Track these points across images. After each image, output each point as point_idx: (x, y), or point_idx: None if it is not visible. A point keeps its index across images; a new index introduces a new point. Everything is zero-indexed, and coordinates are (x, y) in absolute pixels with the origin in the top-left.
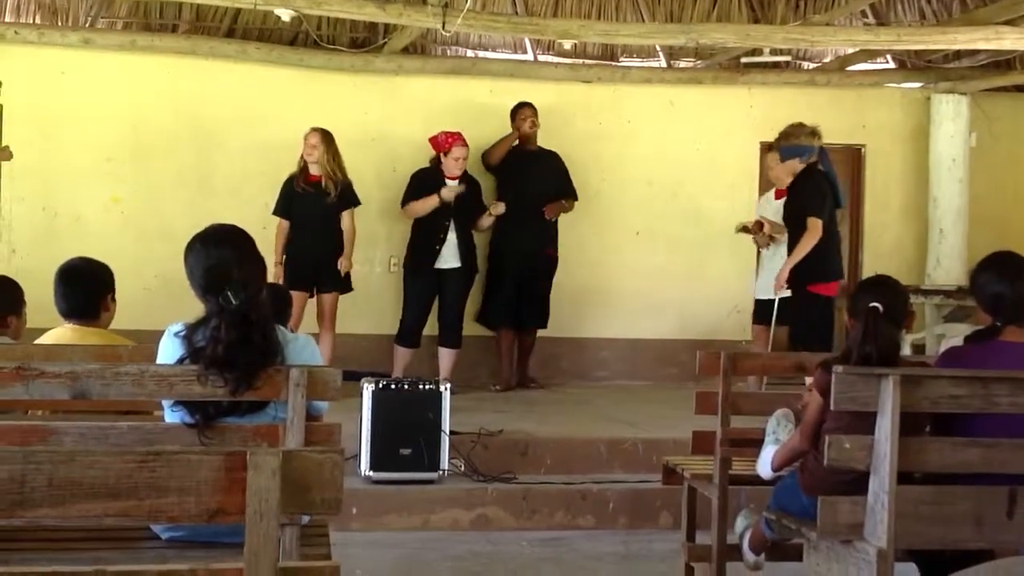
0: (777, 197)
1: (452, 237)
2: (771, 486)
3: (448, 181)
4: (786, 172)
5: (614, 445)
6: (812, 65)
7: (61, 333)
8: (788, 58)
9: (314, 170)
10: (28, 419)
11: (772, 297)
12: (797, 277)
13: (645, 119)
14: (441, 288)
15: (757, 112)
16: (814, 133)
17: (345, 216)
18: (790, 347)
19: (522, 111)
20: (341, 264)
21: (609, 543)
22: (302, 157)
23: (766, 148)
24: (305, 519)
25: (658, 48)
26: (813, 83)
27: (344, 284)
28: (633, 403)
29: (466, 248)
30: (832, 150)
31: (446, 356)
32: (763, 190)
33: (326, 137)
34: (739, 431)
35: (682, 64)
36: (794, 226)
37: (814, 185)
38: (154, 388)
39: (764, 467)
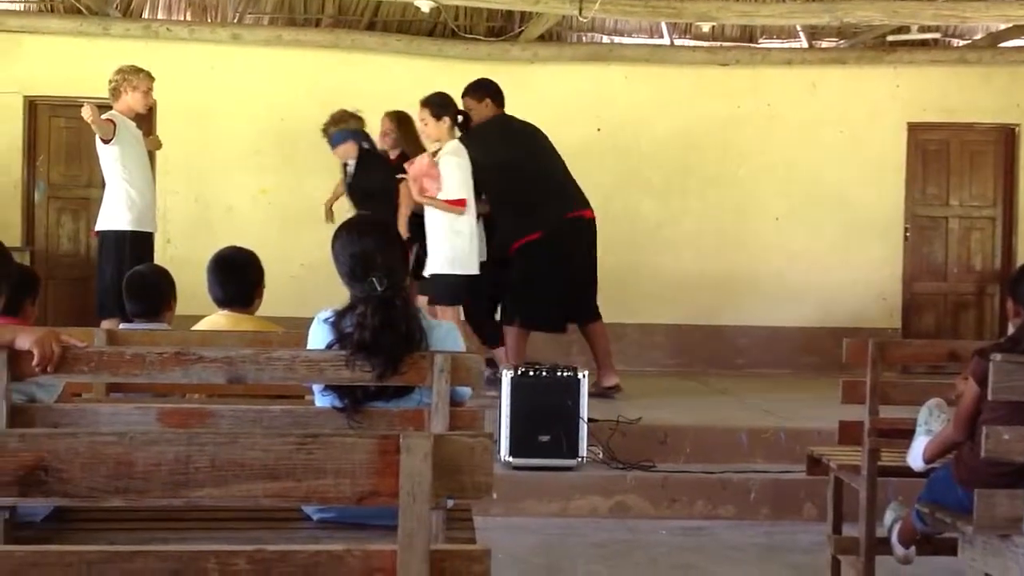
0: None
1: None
2: (922, 478)
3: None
4: (344, 154)
5: (755, 434)
6: (962, 42)
7: (216, 320)
8: (937, 35)
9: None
10: (186, 402)
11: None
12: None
13: (786, 102)
14: None
15: (904, 92)
16: (357, 117)
17: None
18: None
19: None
20: None
21: (751, 534)
22: None
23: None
24: (450, 503)
25: (799, 28)
26: (963, 61)
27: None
28: (773, 392)
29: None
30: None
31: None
32: (911, 174)
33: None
34: (888, 421)
35: (824, 44)
36: (368, 200)
37: (378, 163)
38: (305, 373)
39: (915, 458)
